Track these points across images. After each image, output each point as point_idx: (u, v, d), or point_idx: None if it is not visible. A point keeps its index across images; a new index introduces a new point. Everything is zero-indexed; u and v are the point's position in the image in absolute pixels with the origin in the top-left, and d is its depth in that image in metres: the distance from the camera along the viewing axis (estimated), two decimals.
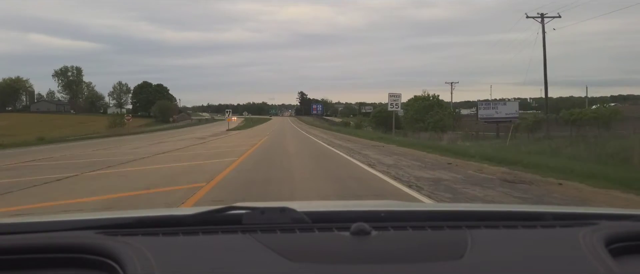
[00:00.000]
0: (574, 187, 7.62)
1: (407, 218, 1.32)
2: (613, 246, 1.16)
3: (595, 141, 16.58)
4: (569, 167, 9.49)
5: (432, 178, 9.08)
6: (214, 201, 6.60)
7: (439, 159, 13.54)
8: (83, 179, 9.73)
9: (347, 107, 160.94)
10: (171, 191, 7.87)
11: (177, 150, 19.27)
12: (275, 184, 8.47)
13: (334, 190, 7.69)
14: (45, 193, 7.80)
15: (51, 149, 24.08)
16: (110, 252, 1.06)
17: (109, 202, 6.86)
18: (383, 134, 32.79)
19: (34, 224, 1.25)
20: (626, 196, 6.81)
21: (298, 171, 10.79)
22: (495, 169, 10.34)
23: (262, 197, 7.02)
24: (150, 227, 1.22)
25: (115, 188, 8.20)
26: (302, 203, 1.60)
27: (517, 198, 6.79)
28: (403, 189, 7.78)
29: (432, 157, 14.09)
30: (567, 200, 6.57)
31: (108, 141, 32.35)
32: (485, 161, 11.95)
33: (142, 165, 12.71)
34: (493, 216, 1.42)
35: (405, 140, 25.07)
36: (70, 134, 44.45)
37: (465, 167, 11.11)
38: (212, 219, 1.24)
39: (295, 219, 1.21)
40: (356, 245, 1.12)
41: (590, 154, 12.59)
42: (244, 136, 34.13)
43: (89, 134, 44.47)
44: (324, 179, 9.31)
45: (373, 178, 9.48)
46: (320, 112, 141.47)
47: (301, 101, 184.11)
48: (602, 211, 1.46)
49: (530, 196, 6.87)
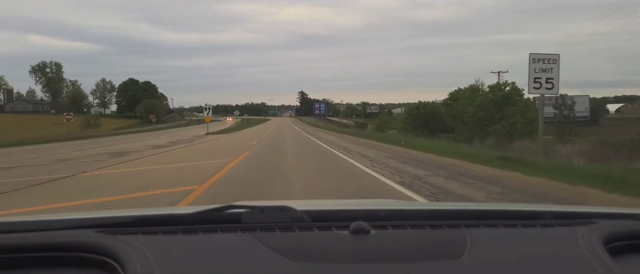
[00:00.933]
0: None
1: (406, 216, 1.32)
2: (612, 245, 1.15)
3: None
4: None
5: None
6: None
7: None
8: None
9: (349, 107, 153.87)
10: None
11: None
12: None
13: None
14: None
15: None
16: (109, 251, 1.06)
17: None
18: (449, 144, 20.90)
19: (33, 223, 1.23)
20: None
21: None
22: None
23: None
24: (149, 226, 1.22)
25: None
26: (301, 202, 1.57)
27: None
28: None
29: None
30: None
31: (39, 148, 23.89)
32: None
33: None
34: (492, 215, 1.41)
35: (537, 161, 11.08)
36: (33, 137, 36.11)
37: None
38: (212, 218, 1.23)
39: (295, 218, 1.20)
40: (355, 244, 1.11)
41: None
42: (221, 144, 22.94)
43: (56, 136, 35.15)
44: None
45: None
46: (323, 112, 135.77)
47: (301, 100, 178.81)
48: (601, 210, 1.44)
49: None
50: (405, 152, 16.27)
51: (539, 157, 12.41)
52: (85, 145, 24.93)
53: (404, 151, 16.57)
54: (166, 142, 25.22)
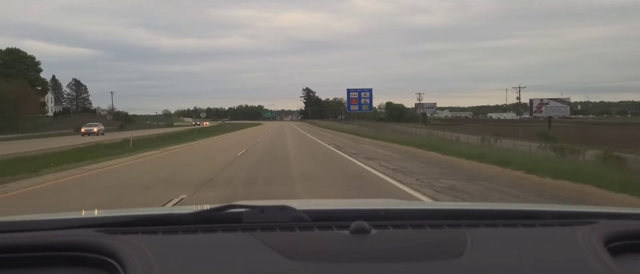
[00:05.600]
0: None
1: (406, 216, 1.32)
2: (612, 245, 1.15)
3: None
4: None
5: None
6: None
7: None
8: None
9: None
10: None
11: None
12: None
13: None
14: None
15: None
16: (110, 250, 1.05)
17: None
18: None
19: (33, 223, 1.23)
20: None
21: None
22: None
23: None
24: (149, 225, 1.21)
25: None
26: (301, 202, 1.60)
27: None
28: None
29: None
30: None
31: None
32: None
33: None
34: (492, 214, 1.41)
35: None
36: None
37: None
38: (212, 218, 1.23)
39: (295, 217, 1.20)
40: (356, 244, 1.11)
41: None
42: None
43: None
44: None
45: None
46: (368, 103, 55.85)
47: (307, 100, 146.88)
48: (601, 210, 1.44)
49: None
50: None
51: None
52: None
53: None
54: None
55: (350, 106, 56.69)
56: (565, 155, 16.04)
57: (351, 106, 56.36)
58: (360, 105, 55.76)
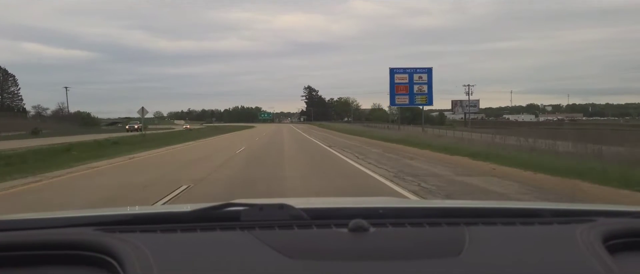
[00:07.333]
0: None
1: (405, 214, 1.32)
2: (610, 243, 1.15)
3: None
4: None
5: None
6: None
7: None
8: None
9: (375, 110, 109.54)
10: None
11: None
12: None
13: None
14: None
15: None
16: (108, 249, 1.05)
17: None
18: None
19: (32, 221, 1.22)
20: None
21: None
22: None
23: None
24: (148, 224, 1.21)
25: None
26: (300, 200, 1.57)
27: None
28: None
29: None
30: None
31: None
32: None
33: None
34: (491, 212, 1.40)
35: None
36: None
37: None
38: (210, 216, 1.22)
39: (294, 215, 1.20)
40: (354, 242, 1.11)
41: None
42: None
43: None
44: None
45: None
46: (425, 93, 36.82)
47: (309, 100, 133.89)
48: (599, 208, 1.43)
49: None
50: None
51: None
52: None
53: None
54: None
55: (394, 98, 35.91)
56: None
57: (397, 97, 35.89)
58: (412, 96, 35.33)
